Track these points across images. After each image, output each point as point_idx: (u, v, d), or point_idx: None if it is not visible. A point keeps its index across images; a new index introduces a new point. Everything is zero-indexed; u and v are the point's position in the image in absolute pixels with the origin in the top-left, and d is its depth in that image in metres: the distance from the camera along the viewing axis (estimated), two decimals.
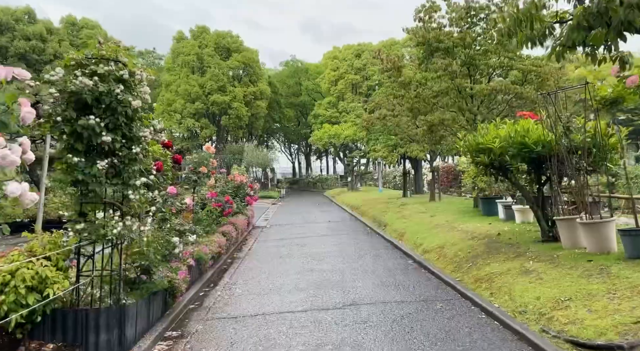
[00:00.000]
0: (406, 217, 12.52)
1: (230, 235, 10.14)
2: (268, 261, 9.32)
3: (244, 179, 15.37)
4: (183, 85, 40.49)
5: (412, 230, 10.52)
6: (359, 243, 11.01)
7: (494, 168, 6.99)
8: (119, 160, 4.44)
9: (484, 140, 6.83)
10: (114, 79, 4.39)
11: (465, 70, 11.03)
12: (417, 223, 11.09)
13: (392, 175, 35.63)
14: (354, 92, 46.83)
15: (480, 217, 10.10)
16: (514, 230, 8.10)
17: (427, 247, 8.65)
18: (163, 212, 6.07)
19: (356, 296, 6.26)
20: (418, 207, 14.39)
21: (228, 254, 9.88)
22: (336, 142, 32.15)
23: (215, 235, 9.27)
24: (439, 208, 13.32)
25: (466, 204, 13.74)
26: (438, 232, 9.47)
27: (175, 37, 43.14)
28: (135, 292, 4.98)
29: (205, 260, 7.55)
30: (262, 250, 10.82)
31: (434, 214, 11.83)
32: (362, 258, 9.10)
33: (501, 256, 6.70)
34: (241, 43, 43.67)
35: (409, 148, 14.31)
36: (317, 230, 14.06)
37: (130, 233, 4.48)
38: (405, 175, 19.78)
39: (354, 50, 48.71)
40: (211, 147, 9.17)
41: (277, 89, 51.29)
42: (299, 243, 11.48)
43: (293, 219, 17.80)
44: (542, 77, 10.50)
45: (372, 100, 16.92)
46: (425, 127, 11.34)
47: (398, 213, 13.67)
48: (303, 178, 56.02)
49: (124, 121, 4.41)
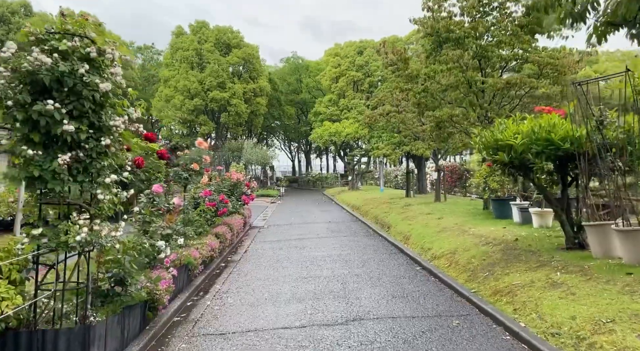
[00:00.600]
0: (411, 219, 11.85)
1: (225, 236, 9.47)
2: (264, 265, 8.66)
3: (241, 177, 14.70)
4: (182, 81, 39.80)
5: (418, 233, 9.85)
6: (361, 247, 10.34)
7: (514, 167, 6.32)
8: (85, 153, 3.77)
9: (503, 137, 6.15)
10: (80, 57, 3.71)
11: (476, 63, 10.35)
12: (424, 226, 10.42)
13: (393, 174, 34.96)
14: (355, 89, 46.09)
15: (492, 220, 9.42)
16: (533, 236, 7.43)
17: (437, 252, 7.98)
18: (142, 214, 5.40)
19: (360, 309, 5.60)
20: (423, 207, 13.71)
21: (222, 257, 9.22)
22: (337, 140, 31.47)
23: (208, 237, 8.61)
24: (446, 209, 12.65)
25: (474, 205, 13.07)
26: (447, 235, 8.79)
27: (174, 32, 42.42)
28: (107, 307, 4.32)
29: (194, 266, 6.88)
30: (259, 252, 10.15)
31: (441, 216, 11.16)
32: (365, 263, 8.44)
33: (521, 265, 6.04)
34: (241, 39, 42.96)
35: (413, 146, 13.64)
36: (317, 231, 13.39)
37: (99, 240, 3.81)
38: (408, 174, 19.11)
39: (355, 47, 47.97)
40: (204, 143, 8.50)
41: (277, 86, 50.61)
42: (297, 246, 10.82)
43: (292, 219, 17.13)
44: (560, 71, 9.82)
45: (375, 96, 16.24)
46: (433, 123, 10.66)
47: (402, 214, 13.00)
48: (303, 177, 55.35)
49: (91, 107, 3.74)
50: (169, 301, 5.66)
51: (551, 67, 9.84)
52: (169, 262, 5.75)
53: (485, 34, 10.18)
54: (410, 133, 14.43)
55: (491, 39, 10.29)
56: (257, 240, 12.06)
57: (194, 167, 8.21)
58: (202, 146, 8.46)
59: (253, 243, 11.65)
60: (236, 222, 11.40)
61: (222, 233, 9.40)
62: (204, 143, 8.49)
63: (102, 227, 3.84)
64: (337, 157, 48.32)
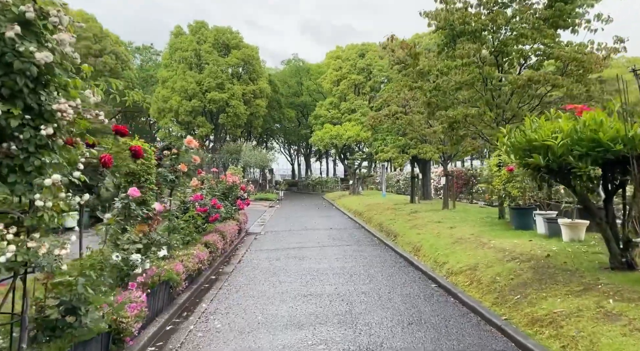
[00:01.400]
0: (420, 227, 10.93)
1: (216, 245, 8.55)
2: (259, 279, 7.73)
3: (237, 180, 13.79)
4: (180, 81, 38.97)
5: (429, 244, 8.93)
6: (366, 258, 9.42)
7: (550, 172, 5.41)
8: (19, 146, 2.86)
9: (538, 136, 5.25)
10: (11, 18, 2.81)
11: (493, 59, 9.49)
12: (435, 236, 9.50)
13: (395, 178, 34.06)
14: (356, 93, 45.32)
15: (512, 231, 8.51)
16: (566, 251, 6.51)
17: (454, 268, 7.06)
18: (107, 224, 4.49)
19: (371, 340, 4.67)
20: (431, 215, 12.80)
21: (212, 269, 8.29)
22: (338, 143, 30.57)
23: (196, 247, 7.69)
24: (456, 217, 11.74)
25: (487, 213, 12.17)
26: (464, 248, 7.88)
27: (173, 32, 41.64)
28: (55, 342, 3.40)
29: (177, 282, 5.95)
30: (254, 263, 9.23)
31: (453, 225, 10.24)
32: (372, 278, 7.52)
33: (560, 287, 5.12)
34: (241, 39, 42.17)
35: (421, 149, 12.76)
36: (318, 239, 12.47)
37: (36, 259, 2.90)
38: (413, 179, 18.21)
39: (357, 50, 47.21)
40: (194, 141, 7.59)
41: (277, 88, 49.80)
42: (296, 256, 9.90)
43: (291, 225, 16.21)
44: (586, 68, 8.94)
45: (379, 97, 15.37)
46: (446, 124, 9.78)
47: (409, 222, 12.08)
48: (302, 180, 54.46)
49: (27, 85, 2.84)
50: (143, 327, 4.74)
51: (576, 64, 8.97)
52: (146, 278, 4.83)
53: (504, 27, 9.32)
54: (417, 135, 13.54)
55: (509, 33, 9.43)
56: (253, 249, 11.14)
57: (182, 168, 7.31)
58: (191, 145, 7.56)
59: (248, 252, 10.73)
60: (230, 229, 10.48)
61: (213, 242, 8.47)
62: (194, 141, 7.59)
63: (41, 243, 2.93)
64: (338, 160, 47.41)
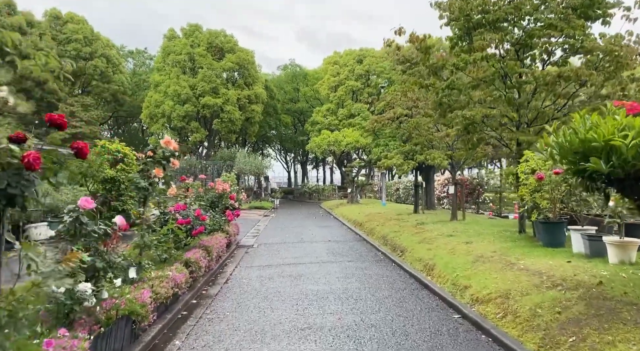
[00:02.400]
0: (430, 241, 9.80)
1: (198, 264, 7.36)
2: (248, 305, 6.56)
3: (228, 187, 12.62)
4: (173, 85, 37.86)
5: (444, 262, 7.80)
6: (372, 277, 8.26)
7: (613, 181, 4.31)
8: None
9: (598, 135, 4.15)
10: None
11: (513, 53, 8.46)
12: (450, 252, 8.37)
13: (395, 187, 33.00)
14: (354, 99, 44.40)
15: (542, 249, 7.37)
16: (620, 277, 5.38)
17: (479, 294, 5.92)
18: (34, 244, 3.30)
19: None
20: (440, 227, 11.68)
21: (194, 291, 7.11)
22: (336, 150, 29.47)
23: (174, 267, 6.51)
24: (469, 230, 10.62)
25: (504, 226, 11.07)
26: (487, 268, 6.74)
27: (166, 36, 40.63)
28: None
29: (142, 316, 4.76)
30: (243, 283, 8.05)
31: (469, 239, 9.12)
32: (381, 305, 6.36)
33: (632, 328, 3.99)
34: (235, 43, 41.22)
35: (428, 155, 11.70)
36: (316, 253, 11.31)
37: None
38: (417, 187, 17.12)
39: (355, 56, 46.35)
40: (172, 142, 6.45)
41: (273, 94, 48.79)
42: (292, 274, 8.73)
43: (286, 236, 15.03)
44: (621, 63, 7.90)
45: (382, 99, 14.34)
46: (461, 126, 8.71)
47: (417, 236, 10.95)
48: (299, 188, 53.26)
49: None
50: None
51: (609, 59, 7.96)
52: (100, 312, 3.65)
53: (527, 17, 8.30)
54: (424, 140, 12.48)
55: (534, 24, 8.41)
56: (243, 265, 9.95)
57: (157, 173, 6.16)
58: (169, 146, 6.41)
59: (238, 268, 9.54)
60: (217, 243, 9.29)
61: (195, 260, 7.29)
62: (172, 142, 6.45)
63: None
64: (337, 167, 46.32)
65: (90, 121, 36.10)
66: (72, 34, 38.22)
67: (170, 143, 6.52)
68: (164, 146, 6.50)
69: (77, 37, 38.17)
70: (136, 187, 6.18)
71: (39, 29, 36.52)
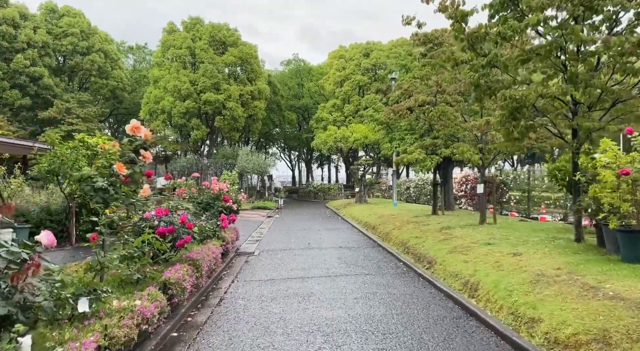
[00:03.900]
0: (464, 251, 8.18)
1: (181, 285, 5.79)
2: (243, 341, 4.99)
3: (225, 187, 11.07)
4: (173, 81, 36.37)
5: (492, 281, 6.18)
6: (398, 298, 6.67)
7: None
8: None
9: None
10: None
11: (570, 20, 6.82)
12: (495, 267, 6.75)
13: (405, 186, 31.31)
14: (360, 94, 42.77)
15: (626, 266, 5.64)
16: None
17: (558, 332, 4.31)
18: None
19: None
20: (470, 232, 10.06)
21: (176, 319, 5.54)
22: (343, 146, 27.83)
23: (145, 292, 4.95)
24: (509, 237, 8.98)
25: (547, 231, 9.42)
26: (558, 293, 5.12)
27: (166, 29, 39.08)
28: None
29: None
30: (239, 306, 6.49)
31: (515, 250, 7.48)
32: (420, 344, 4.77)
33: None
34: (238, 37, 39.63)
35: (455, 148, 10.05)
36: (326, 262, 9.73)
37: None
38: (435, 185, 15.50)
39: (362, 49, 44.72)
40: (142, 128, 4.89)
41: (277, 90, 47.19)
42: (298, 292, 7.16)
43: (291, 241, 13.46)
44: None
45: (399, 87, 12.72)
46: (506, 111, 7.09)
47: (445, 243, 9.34)
48: (303, 187, 51.65)
49: None
50: None
51: None
52: None
53: None
54: (449, 132, 10.85)
55: None
56: (242, 278, 8.39)
57: (119, 169, 4.61)
58: (138, 134, 4.86)
59: (234, 283, 7.98)
60: (209, 254, 7.72)
61: (177, 281, 5.72)
62: (143, 129, 4.89)
63: None
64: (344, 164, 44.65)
65: (87, 118, 34.69)
66: (68, 27, 36.80)
67: (140, 130, 4.96)
68: (131, 133, 4.94)
69: (74, 30, 36.73)
70: (92, 187, 4.61)
71: (34, 22, 35.14)
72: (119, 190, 4.81)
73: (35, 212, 9.73)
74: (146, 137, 5.00)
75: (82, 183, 4.68)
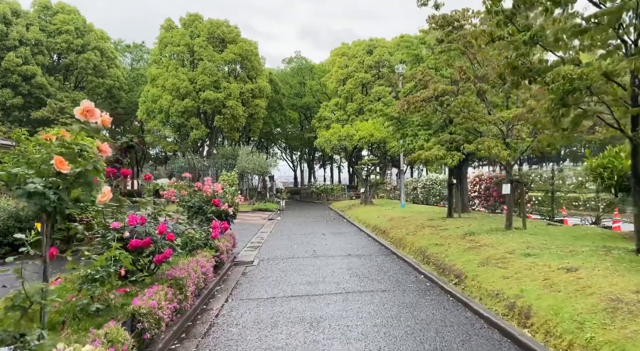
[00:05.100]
0: (500, 263, 6.91)
1: (155, 316, 4.53)
2: None
3: (219, 189, 9.83)
4: (171, 79, 35.16)
5: (548, 306, 4.92)
6: (429, 326, 5.41)
7: None
8: None
9: None
10: None
11: None
12: (546, 285, 5.48)
13: (411, 186, 30.03)
14: (364, 92, 41.55)
15: None
16: None
17: None
18: None
19: None
20: (500, 239, 8.78)
21: None
22: (348, 145, 26.55)
23: (103, 330, 3.70)
24: (549, 245, 7.70)
25: (589, 237, 8.14)
26: None
27: (163, 26, 37.89)
28: None
29: None
30: (232, 336, 5.24)
31: (566, 263, 6.20)
32: None
33: None
34: (238, 33, 38.43)
35: (480, 143, 8.79)
36: (335, 275, 8.47)
37: None
38: (451, 185, 14.24)
39: (365, 46, 43.52)
40: (96, 111, 3.63)
41: (278, 88, 45.94)
42: (305, 316, 5.90)
43: (294, 247, 12.21)
44: None
45: (412, 77, 11.44)
46: (556, 95, 5.82)
47: (473, 252, 8.07)
48: (305, 188, 50.43)
49: None
50: None
51: None
52: None
53: None
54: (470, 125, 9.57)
55: None
56: (237, 296, 7.15)
57: (57, 165, 3.38)
58: (90, 119, 3.62)
59: (229, 303, 6.73)
60: (196, 270, 6.46)
61: (150, 311, 4.46)
62: (97, 112, 3.65)
63: None
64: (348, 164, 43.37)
65: None
66: (62, 24, 35.67)
67: (93, 114, 3.71)
68: (83, 118, 3.70)
69: (68, 28, 35.60)
70: (26, 192, 3.37)
71: (26, 19, 34.01)
72: (65, 195, 3.57)
73: (0, 219, 8.50)
74: (103, 123, 3.75)
75: (12, 185, 3.44)
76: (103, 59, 38.40)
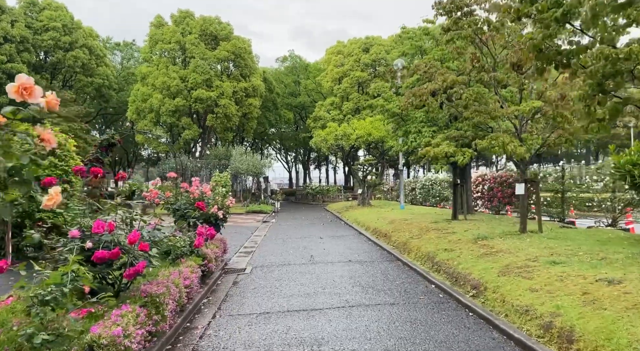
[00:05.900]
0: (525, 274, 6.11)
1: (121, 345, 3.67)
2: None
3: (208, 190, 8.97)
4: (161, 77, 34.20)
5: (595, 328, 4.12)
6: (448, 350, 4.59)
7: None
8: None
9: None
10: None
11: None
12: (587, 301, 4.69)
13: (410, 187, 29.28)
14: (360, 91, 40.82)
15: None
16: None
17: None
18: None
19: None
20: (517, 244, 8.00)
21: None
22: (344, 145, 25.75)
23: None
24: (577, 252, 6.93)
25: (615, 242, 7.38)
26: None
27: (153, 23, 36.94)
28: None
29: None
30: None
31: (603, 274, 5.42)
32: None
33: None
34: (231, 31, 37.54)
35: (493, 139, 8.00)
36: (335, 284, 7.64)
37: None
38: (456, 186, 13.47)
39: (361, 44, 42.78)
40: (38, 90, 2.80)
41: (272, 87, 45.06)
42: (303, 338, 5.07)
43: (290, 253, 11.36)
44: None
45: (416, 68, 10.65)
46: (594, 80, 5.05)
47: (489, 259, 7.27)
48: (301, 189, 49.56)
49: None
50: None
51: None
52: None
53: None
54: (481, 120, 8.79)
55: None
56: (226, 311, 6.29)
57: None
58: (30, 98, 2.78)
59: (216, 320, 5.88)
60: (178, 284, 5.60)
61: (113, 341, 3.60)
62: (39, 91, 2.82)
63: None
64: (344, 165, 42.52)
65: (70, 117, 32.46)
66: (49, 21, 34.56)
67: (32, 93, 2.87)
68: (18, 98, 2.85)
69: (55, 25, 34.49)
70: None
71: (11, 15, 32.89)
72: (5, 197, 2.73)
73: None
74: (49, 106, 2.91)
75: None
76: (92, 57, 37.33)
